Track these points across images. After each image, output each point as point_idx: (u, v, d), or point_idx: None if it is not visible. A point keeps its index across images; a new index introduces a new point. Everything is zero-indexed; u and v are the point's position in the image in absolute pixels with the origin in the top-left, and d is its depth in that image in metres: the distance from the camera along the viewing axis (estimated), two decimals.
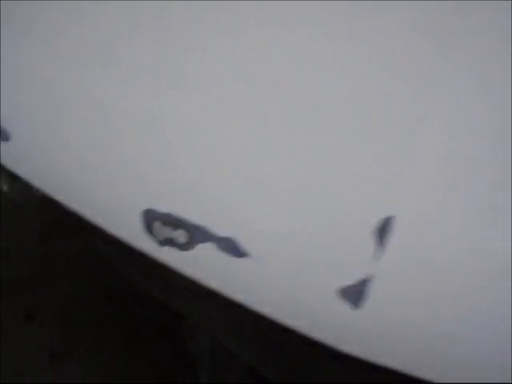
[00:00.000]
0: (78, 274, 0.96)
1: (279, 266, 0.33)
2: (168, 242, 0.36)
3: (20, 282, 0.92)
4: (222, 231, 0.34)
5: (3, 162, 0.43)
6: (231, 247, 0.34)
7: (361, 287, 0.32)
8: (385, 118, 0.32)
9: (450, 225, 0.30)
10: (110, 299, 0.93)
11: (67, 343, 0.88)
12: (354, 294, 0.32)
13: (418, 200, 0.31)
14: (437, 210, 0.31)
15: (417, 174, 0.31)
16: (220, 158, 0.34)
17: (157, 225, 0.36)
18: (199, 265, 0.35)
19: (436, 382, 0.32)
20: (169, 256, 0.36)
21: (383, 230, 0.31)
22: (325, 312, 0.33)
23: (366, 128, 0.32)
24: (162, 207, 0.36)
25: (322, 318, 0.33)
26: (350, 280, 0.32)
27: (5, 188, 0.45)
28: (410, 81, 0.32)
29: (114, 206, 0.38)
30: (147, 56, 0.37)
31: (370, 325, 0.32)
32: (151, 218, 0.36)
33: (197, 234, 0.35)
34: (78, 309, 0.92)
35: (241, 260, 0.34)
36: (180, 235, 0.35)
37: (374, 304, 0.31)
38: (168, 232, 0.36)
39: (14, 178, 0.45)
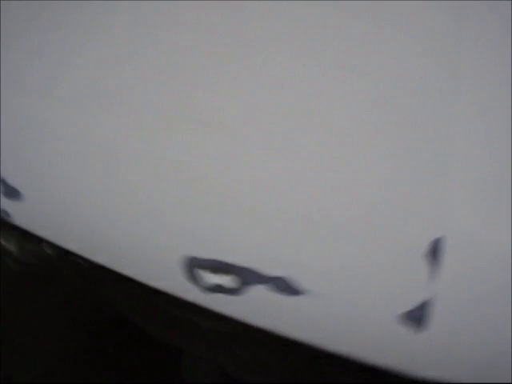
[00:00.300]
0: (56, 326, 0.92)
1: (335, 299, 0.34)
2: (215, 288, 0.35)
3: None
4: (273, 271, 0.34)
5: (16, 221, 0.41)
6: (285, 286, 0.34)
7: (421, 311, 0.33)
8: (417, 138, 0.33)
9: (498, 237, 0.32)
10: (92, 351, 0.89)
11: None
12: (416, 318, 0.33)
13: (463, 218, 0.32)
14: (484, 224, 0.32)
15: (457, 193, 0.33)
16: (264, 196, 0.34)
17: (201, 272, 0.35)
18: (251, 308, 0.35)
19: None
20: (217, 302, 0.35)
21: (435, 252, 0.32)
22: (388, 339, 0.33)
23: (396, 153, 0.34)
24: (206, 254, 0.35)
25: (386, 345, 0.33)
26: (409, 305, 0.33)
27: (14, 249, 0.44)
28: (435, 101, 0.34)
29: (151, 257, 0.37)
30: (164, 96, 0.36)
31: (436, 346, 0.33)
32: (194, 266, 0.36)
33: (247, 278, 0.35)
34: (60, 365, 0.88)
35: (296, 298, 0.34)
36: (229, 280, 0.35)
37: (437, 325, 0.32)
38: (215, 278, 0.35)
39: (24, 238, 0.44)
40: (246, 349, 0.47)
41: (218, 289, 0.35)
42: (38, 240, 0.43)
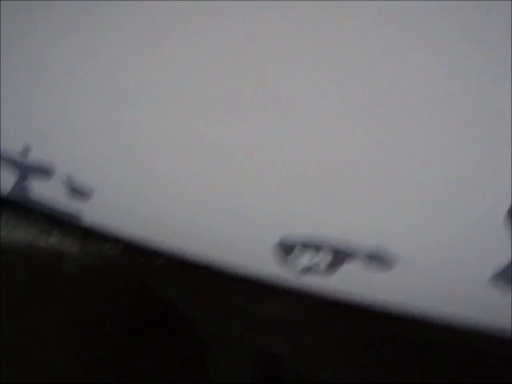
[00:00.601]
0: (66, 338, 0.89)
1: (428, 267, 0.36)
2: (309, 268, 0.36)
3: (4, 356, 0.84)
4: (365, 244, 0.36)
5: (85, 221, 0.41)
6: (378, 259, 0.36)
7: (509, 271, 0.35)
8: (484, 111, 0.36)
9: None
10: (103, 360, 0.87)
11: None
12: (505, 278, 0.35)
13: None
14: None
15: None
16: (349, 173, 0.36)
17: (294, 255, 0.36)
18: (345, 283, 0.36)
19: None
20: (312, 283, 0.37)
21: None
22: (480, 300, 0.35)
23: (468, 129, 0.36)
24: (296, 235, 0.36)
25: (478, 306, 0.36)
26: (498, 267, 0.35)
27: (74, 252, 0.43)
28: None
29: (239, 243, 0.37)
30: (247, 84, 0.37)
31: None
32: (286, 249, 0.37)
33: (340, 255, 0.36)
34: (70, 375, 0.86)
35: (388, 268, 0.36)
36: (322, 259, 0.36)
37: None
38: (308, 259, 0.36)
39: (85, 240, 0.43)
40: (306, 332, 0.48)
41: (311, 270, 0.36)
42: (101, 240, 0.43)
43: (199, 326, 0.62)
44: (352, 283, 0.36)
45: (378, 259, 0.36)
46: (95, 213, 0.40)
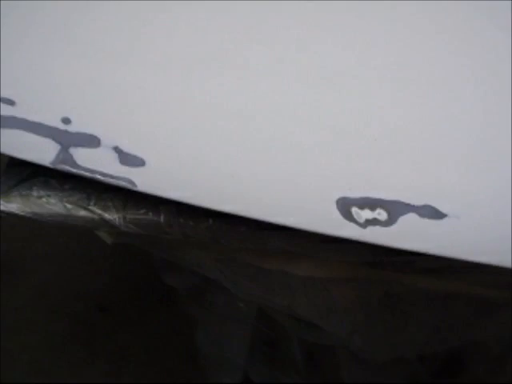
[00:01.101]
0: (35, 320, 0.85)
1: (476, 216, 0.39)
2: (370, 222, 0.39)
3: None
4: (418, 201, 0.39)
5: (140, 188, 0.40)
6: (431, 212, 0.39)
7: None
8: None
9: None
10: (76, 341, 0.85)
11: None
12: None
13: None
14: None
15: None
16: (404, 138, 0.39)
17: (355, 210, 0.39)
18: (406, 235, 0.39)
19: None
20: (374, 235, 0.39)
21: None
22: None
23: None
24: (356, 193, 0.39)
25: None
26: None
27: (115, 219, 0.43)
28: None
29: (304, 204, 0.39)
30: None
31: None
32: (348, 205, 0.39)
33: (396, 209, 0.39)
34: (47, 358, 0.82)
35: (442, 221, 0.39)
36: (381, 213, 0.39)
37: None
38: (368, 214, 0.39)
39: (126, 207, 0.43)
40: (324, 290, 0.51)
41: (372, 222, 0.39)
42: (145, 208, 0.43)
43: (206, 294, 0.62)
44: (410, 233, 0.39)
45: (429, 214, 0.39)
46: (144, 179, 0.40)
